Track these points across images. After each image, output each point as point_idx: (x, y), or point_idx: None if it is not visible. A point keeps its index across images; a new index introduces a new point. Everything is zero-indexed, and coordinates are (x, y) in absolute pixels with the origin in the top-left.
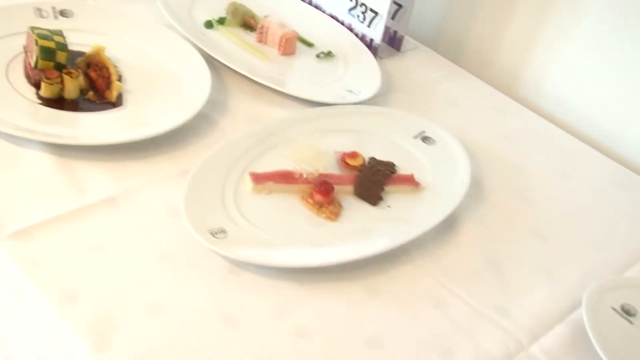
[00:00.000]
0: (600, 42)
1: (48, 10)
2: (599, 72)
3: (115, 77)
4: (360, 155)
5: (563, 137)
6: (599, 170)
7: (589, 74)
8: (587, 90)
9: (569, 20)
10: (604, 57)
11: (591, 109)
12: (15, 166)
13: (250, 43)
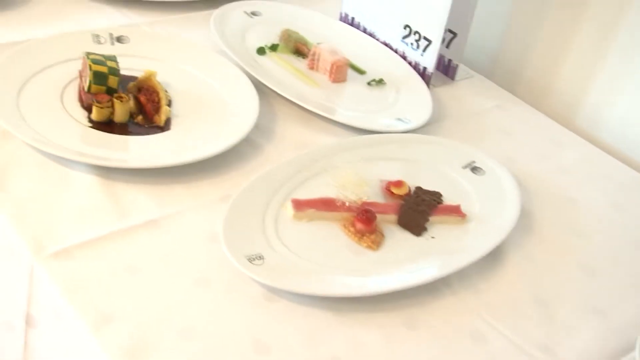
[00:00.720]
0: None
1: (105, 36)
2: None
3: (164, 101)
4: (406, 184)
5: (622, 170)
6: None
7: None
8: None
9: (634, 50)
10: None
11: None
12: (62, 187)
13: (301, 70)
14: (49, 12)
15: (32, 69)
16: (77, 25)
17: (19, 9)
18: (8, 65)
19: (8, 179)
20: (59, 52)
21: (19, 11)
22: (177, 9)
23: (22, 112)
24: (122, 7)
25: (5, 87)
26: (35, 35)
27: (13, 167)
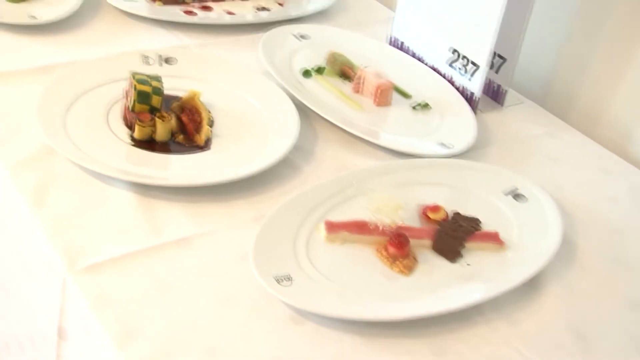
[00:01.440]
0: None
1: (154, 57)
2: None
3: (205, 121)
4: (443, 209)
5: None
6: None
7: None
8: None
9: None
10: None
11: None
12: (101, 203)
13: (346, 93)
14: (104, 34)
15: (81, 88)
16: (130, 46)
17: (76, 32)
18: (58, 85)
19: (50, 194)
20: (108, 72)
21: (76, 33)
22: (227, 31)
23: (68, 130)
24: (175, 29)
25: (54, 105)
26: (89, 56)
27: (56, 183)
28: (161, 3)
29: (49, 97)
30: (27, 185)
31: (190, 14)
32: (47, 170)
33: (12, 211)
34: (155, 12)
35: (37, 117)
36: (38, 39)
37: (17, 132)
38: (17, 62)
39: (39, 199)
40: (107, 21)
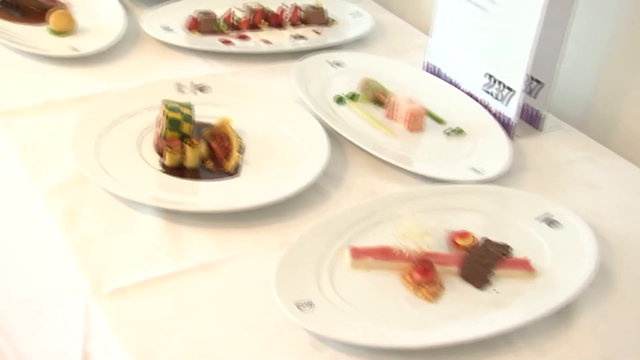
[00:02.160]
0: None
1: (188, 86)
2: None
3: (235, 148)
4: (472, 235)
5: None
6: None
7: None
8: None
9: None
10: None
11: None
12: (128, 228)
13: (378, 119)
14: (142, 64)
15: (115, 116)
16: (167, 75)
17: (115, 62)
18: (93, 113)
19: (79, 219)
20: (142, 100)
21: (115, 64)
22: (263, 60)
23: (100, 157)
24: (211, 58)
25: (87, 133)
26: (127, 85)
27: (86, 208)
28: (199, 33)
29: (83, 125)
30: (58, 210)
31: (228, 43)
32: (78, 196)
33: (43, 235)
34: (193, 41)
35: (70, 144)
36: (79, 70)
37: (52, 160)
38: (58, 93)
39: (68, 224)
40: (146, 52)
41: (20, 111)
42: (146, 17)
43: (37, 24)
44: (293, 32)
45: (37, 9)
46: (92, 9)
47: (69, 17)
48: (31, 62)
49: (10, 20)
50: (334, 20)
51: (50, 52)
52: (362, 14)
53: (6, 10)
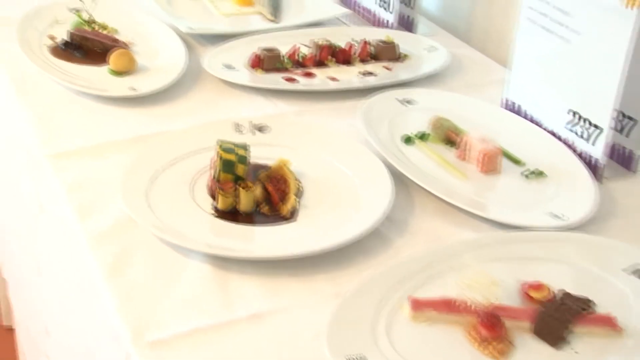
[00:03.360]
0: None
1: (246, 125)
2: None
3: (293, 191)
4: (547, 288)
5: None
6: None
7: None
8: None
9: None
10: None
11: None
12: (175, 275)
13: (449, 160)
14: (202, 103)
15: (169, 158)
16: (227, 115)
17: (174, 102)
18: (146, 155)
19: (125, 264)
20: (198, 141)
21: (174, 104)
22: (329, 98)
23: (150, 200)
24: (273, 97)
25: (139, 175)
26: (185, 126)
27: (134, 254)
28: (262, 71)
29: (135, 167)
30: (105, 255)
31: (292, 80)
32: (126, 241)
33: (89, 280)
34: (256, 80)
35: (120, 187)
36: (136, 110)
37: (102, 202)
38: (113, 133)
39: (114, 269)
40: (206, 91)
41: (73, 152)
42: (208, 55)
43: (98, 65)
44: (362, 68)
45: (100, 50)
46: (154, 48)
47: (129, 56)
48: (90, 103)
49: (71, 61)
50: (407, 55)
51: (108, 92)
52: (437, 49)
53: (69, 51)
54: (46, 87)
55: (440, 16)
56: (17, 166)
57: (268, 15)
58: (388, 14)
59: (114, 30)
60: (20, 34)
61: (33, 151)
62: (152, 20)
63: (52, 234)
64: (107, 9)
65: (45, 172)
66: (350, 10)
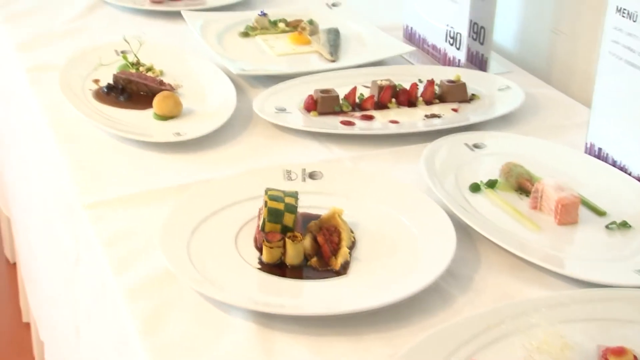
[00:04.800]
0: None
1: (297, 172)
2: None
3: (345, 243)
4: (631, 353)
5: None
6: None
7: None
8: None
9: None
10: None
11: None
12: (216, 333)
13: (521, 210)
14: (250, 149)
15: (213, 206)
16: (277, 161)
17: (221, 147)
18: (188, 204)
19: (162, 321)
20: (245, 189)
21: (221, 149)
22: (389, 142)
23: (191, 252)
24: (328, 141)
25: (180, 225)
26: (231, 172)
27: (171, 310)
28: (317, 114)
29: (176, 217)
30: (142, 310)
31: (349, 124)
32: (164, 295)
33: (124, 338)
34: (310, 123)
35: (160, 238)
36: (181, 157)
37: (140, 255)
38: (156, 181)
39: (150, 327)
40: (256, 136)
41: (113, 201)
42: (260, 98)
43: (142, 109)
44: (427, 110)
45: (145, 93)
46: (202, 90)
47: (175, 100)
48: (132, 149)
49: (115, 105)
50: (477, 95)
51: (152, 137)
52: (511, 88)
53: (112, 95)
54: (87, 132)
55: (516, 53)
56: (55, 215)
57: (326, 55)
58: (457, 51)
59: (160, 72)
60: (63, 77)
61: (71, 200)
62: (201, 61)
63: (88, 288)
64: (153, 50)
65: (82, 222)
66: (416, 48)
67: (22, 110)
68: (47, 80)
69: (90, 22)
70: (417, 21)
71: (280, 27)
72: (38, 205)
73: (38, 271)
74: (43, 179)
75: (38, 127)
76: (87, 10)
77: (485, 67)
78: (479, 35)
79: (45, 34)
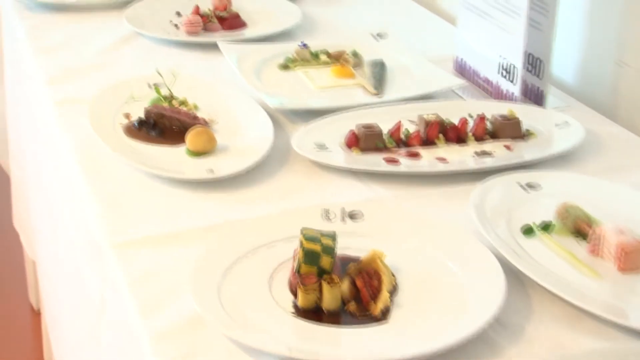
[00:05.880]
0: None
1: (336, 212)
2: None
3: (386, 287)
4: None
5: None
6: None
7: None
8: None
9: None
10: None
11: None
12: None
13: (579, 256)
14: (287, 188)
15: (246, 248)
16: (315, 200)
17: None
18: (220, 245)
19: None
20: (281, 229)
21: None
22: (436, 182)
23: (222, 295)
24: (370, 180)
25: (211, 267)
26: (267, 212)
27: (202, 354)
28: (359, 150)
29: (207, 258)
30: (170, 356)
31: (393, 162)
32: (194, 340)
33: None
34: (351, 161)
35: (190, 280)
36: (214, 195)
37: (170, 297)
38: (186, 220)
39: None
40: (294, 173)
41: (141, 241)
42: (299, 133)
43: (175, 145)
44: (477, 147)
45: (177, 128)
46: (238, 125)
47: (208, 135)
48: (163, 187)
49: (146, 141)
50: (532, 132)
51: (184, 175)
52: (570, 124)
53: (144, 130)
54: (117, 168)
55: (576, 86)
56: (81, 255)
57: (370, 88)
58: (511, 84)
59: (194, 106)
60: (92, 111)
61: (98, 239)
62: (237, 94)
63: (114, 333)
64: (188, 83)
65: (110, 262)
66: (467, 81)
67: (50, 146)
68: (76, 114)
69: (122, 55)
70: (468, 52)
71: (322, 59)
72: (64, 245)
73: (62, 316)
74: (70, 217)
75: (66, 163)
76: (120, 42)
77: (542, 102)
78: (535, 68)
79: (76, 66)
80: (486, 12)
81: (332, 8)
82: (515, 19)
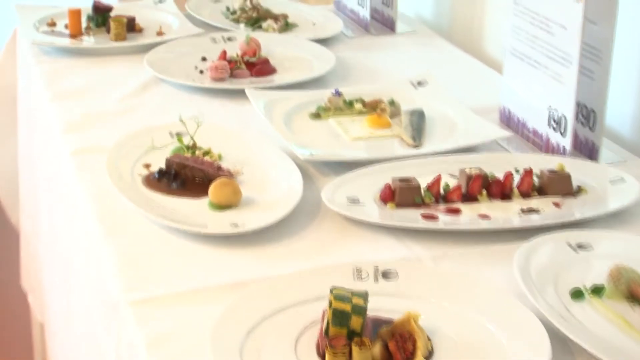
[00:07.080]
0: None
1: (369, 271)
2: None
3: (421, 352)
4: None
5: None
6: None
7: None
8: None
9: None
10: None
11: None
12: None
13: (633, 322)
14: (316, 243)
15: (271, 307)
16: (346, 258)
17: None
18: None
19: None
20: (309, 288)
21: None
22: (477, 240)
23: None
24: (406, 237)
25: (234, 327)
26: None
27: None
28: (395, 206)
29: (230, 318)
30: None
31: (432, 218)
32: None
33: None
34: (386, 216)
35: (211, 341)
36: (238, 251)
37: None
38: (209, 278)
39: None
40: (324, 229)
41: (160, 299)
42: (330, 187)
43: (197, 197)
44: (523, 204)
45: (200, 179)
46: (264, 177)
47: (233, 187)
48: (184, 242)
49: (166, 192)
50: (584, 188)
51: (206, 229)
52: (625, 180)
53: (164, 181)
54: (135, 222)
55: (632, 139)
56: (95, 315)
57: (408, 139)
58: (562, 137)
59: (219, 157)
60: (110, 161)
61: (114, 296)
62: (264, 144)
63: None
64: (212, 131)
65: (126, 321)
66: (514, 133)
67: (65, 198)
68: (93, 164)
69: (144, 102)
70: (515, 102)
71: (357, 108)
72: (77, 304)
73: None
74: (85, 273)
75: (81, 215)
76: (141, 89)
77: (595, 156)
78: (588, 119)
79: (95, 114)
80: (535, 59)
81: (369, 54)
82: (566, 67)
